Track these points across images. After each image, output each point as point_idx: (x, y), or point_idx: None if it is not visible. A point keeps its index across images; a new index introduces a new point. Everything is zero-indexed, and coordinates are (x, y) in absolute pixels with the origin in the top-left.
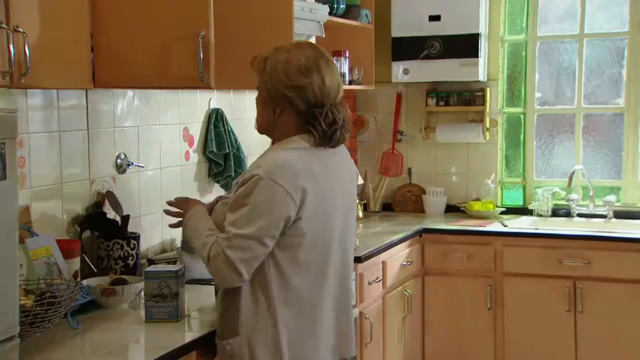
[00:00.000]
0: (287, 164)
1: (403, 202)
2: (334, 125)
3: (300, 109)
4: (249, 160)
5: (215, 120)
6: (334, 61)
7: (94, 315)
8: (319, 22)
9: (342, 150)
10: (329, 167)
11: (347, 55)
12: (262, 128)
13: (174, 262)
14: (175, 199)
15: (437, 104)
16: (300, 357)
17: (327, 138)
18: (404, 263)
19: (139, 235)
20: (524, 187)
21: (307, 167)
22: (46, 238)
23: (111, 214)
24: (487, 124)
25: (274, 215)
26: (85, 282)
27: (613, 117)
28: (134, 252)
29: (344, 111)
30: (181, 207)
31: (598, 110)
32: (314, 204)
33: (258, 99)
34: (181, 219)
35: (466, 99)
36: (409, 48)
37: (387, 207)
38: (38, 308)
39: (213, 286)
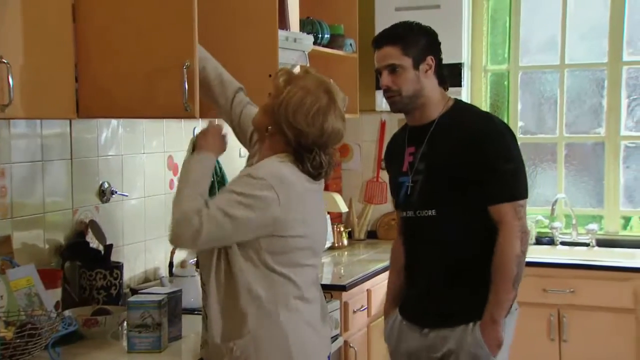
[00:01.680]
0: (281, 171)
1: (388, 230)
2: (319, 169)
3: (291, 144)
4: None
5: None
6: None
7: (75, 346)
8: (304, 51)
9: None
10: (311, 184)
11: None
12: (254, 127)
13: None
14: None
15: None
16: (307, 352)
17: (311, 177)
18: None
19: (122, 264)
20: None
21: (297, 178)
22: (27, 269)
23: (94, 243)
24: None
25: (259, 216)
26: (67, 312)
27: (594, 146)
28: (116, 281)
29: (332, 155)
30: (207, 137)
31: (579, 139)
32: (304, 211)
33: (265, 105)
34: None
35: None
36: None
37: (372, 235)
38: (18, 340)
39: (199, 312)
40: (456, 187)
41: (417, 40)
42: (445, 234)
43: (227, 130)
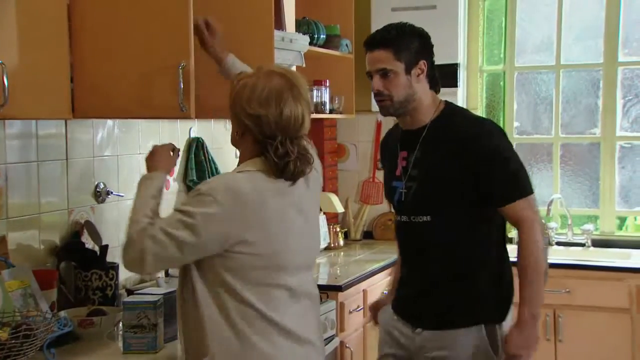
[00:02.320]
0: (234, 184)
1: (384, 230)
2: (285, 158)
3: (257, 138)
4: None
5: (196, 149)
6: (311, 91)
7: (70, 347)
8: (300, 52)
9: (304, 183)
10: (284, 192)
11: (327, 84)
12: (232, 142)
13: None
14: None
15: None
16: None
17: (278, 170)
18: (385, 291)
19: (118, 265)
20: None
21: (256, 189)
22: (23, 269)
23: (90, 243)
24: None
25: (205, 235)
26: (62, 313)
27: (590, 147)
28: (112, 282)
29: (302, 145)
30: (154, 157)
31: (575, 139)
32: (264, 226)
33: (230, 115)
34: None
35: None
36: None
37: (368, 235)
38: (13, 341)
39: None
40: (452, 192)
41: (410, 43)
42: (440, 239)
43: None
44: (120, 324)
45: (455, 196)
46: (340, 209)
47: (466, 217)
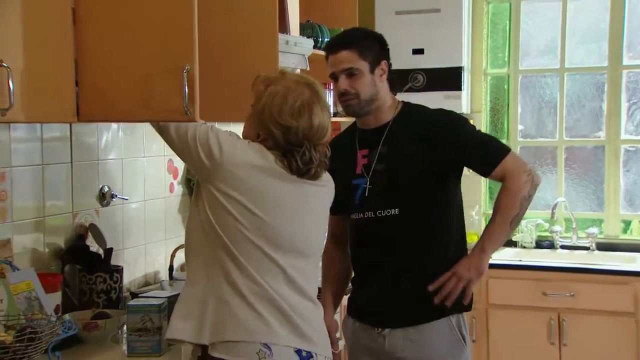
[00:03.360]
0: (241, 140)
1: None
2: (309, 164)
3: (280, 143)
4: None
5: None
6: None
7: (75, 350)
8: (304, 55)
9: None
10: (284, 179)
11: (331, 87)
12: (245, 138)
13: None
14: None
15: None
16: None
17: (300, 173)
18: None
19: (122, 268)
20: None
21: (259, 158)
22: (27, 272)
23: (94, 246)
24: None
25: (205, 145)
26: (66, 316)
27: (594, 150)
28: (117, 285)
29: (322, 150)
30: None
31: (579, 143)
32: (253, 189)
33: (249, 115)
34: None
35: None
36: (392, 81)
37: None
38: (18, 344)
39: None
40: (421, 183)
41: (372, 44)
42: (409, 232)
43: None
44: (125, 327)
45: (425, 187)
46: None
47: (434, 209)
